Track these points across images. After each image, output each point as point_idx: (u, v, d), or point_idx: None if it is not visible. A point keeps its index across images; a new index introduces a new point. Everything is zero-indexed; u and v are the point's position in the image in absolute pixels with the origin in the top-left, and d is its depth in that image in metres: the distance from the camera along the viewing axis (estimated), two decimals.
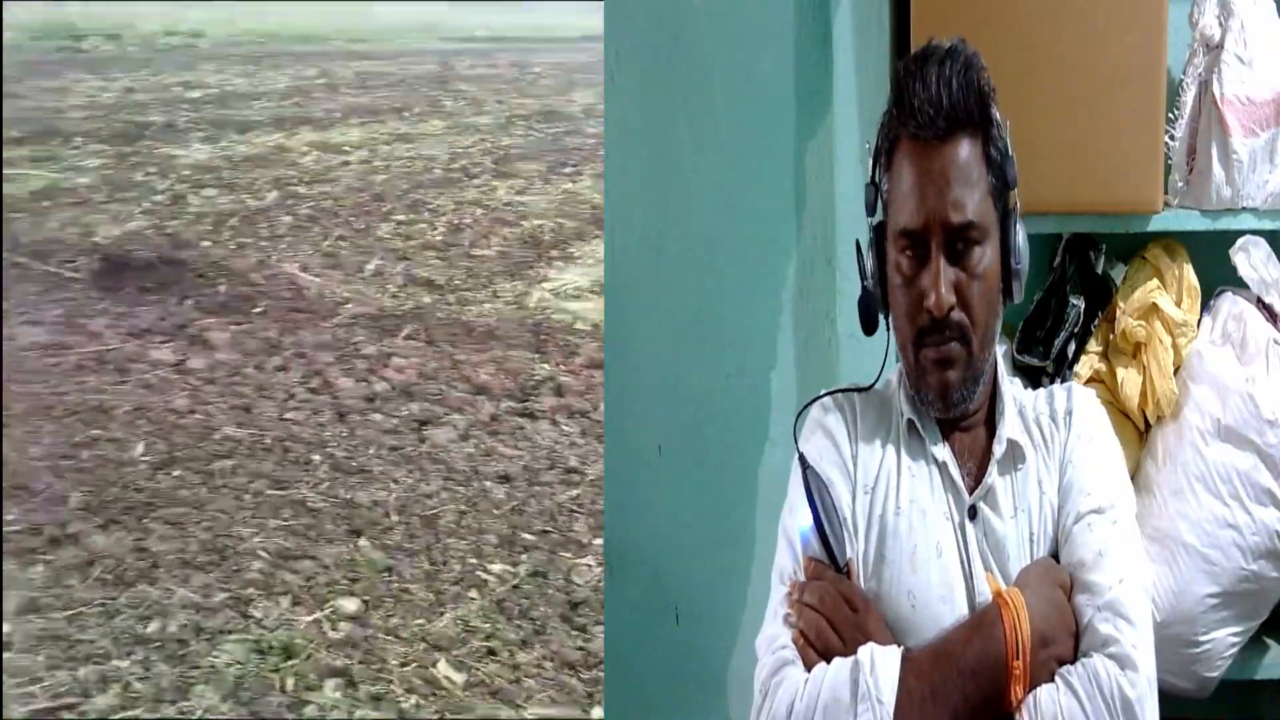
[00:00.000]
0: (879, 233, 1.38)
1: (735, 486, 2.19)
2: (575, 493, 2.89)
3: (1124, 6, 1.86)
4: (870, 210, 1.38)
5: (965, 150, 1.30)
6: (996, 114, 1.32)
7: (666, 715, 2.25)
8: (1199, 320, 1.98)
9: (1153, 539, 1.92)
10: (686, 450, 2.23)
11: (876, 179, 1.37)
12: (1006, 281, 1.34)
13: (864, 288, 1.39)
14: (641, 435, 2.24)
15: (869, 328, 1.39)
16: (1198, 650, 1.94)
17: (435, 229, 5.50)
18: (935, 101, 1.28)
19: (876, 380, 1.45)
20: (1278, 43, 1.93)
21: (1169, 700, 1.46)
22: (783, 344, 2.18)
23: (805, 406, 1.45)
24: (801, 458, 1.37)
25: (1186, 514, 1.91)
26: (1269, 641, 2.04)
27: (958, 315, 1.30)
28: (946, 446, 1.37)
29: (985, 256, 1.31)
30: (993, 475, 1.34)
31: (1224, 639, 1.94)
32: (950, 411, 1.35)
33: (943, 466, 1.36)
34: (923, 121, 1.29)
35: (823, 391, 1.46)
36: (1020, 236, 1.34)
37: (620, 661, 2.18)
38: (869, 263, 1.38)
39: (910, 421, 1.38)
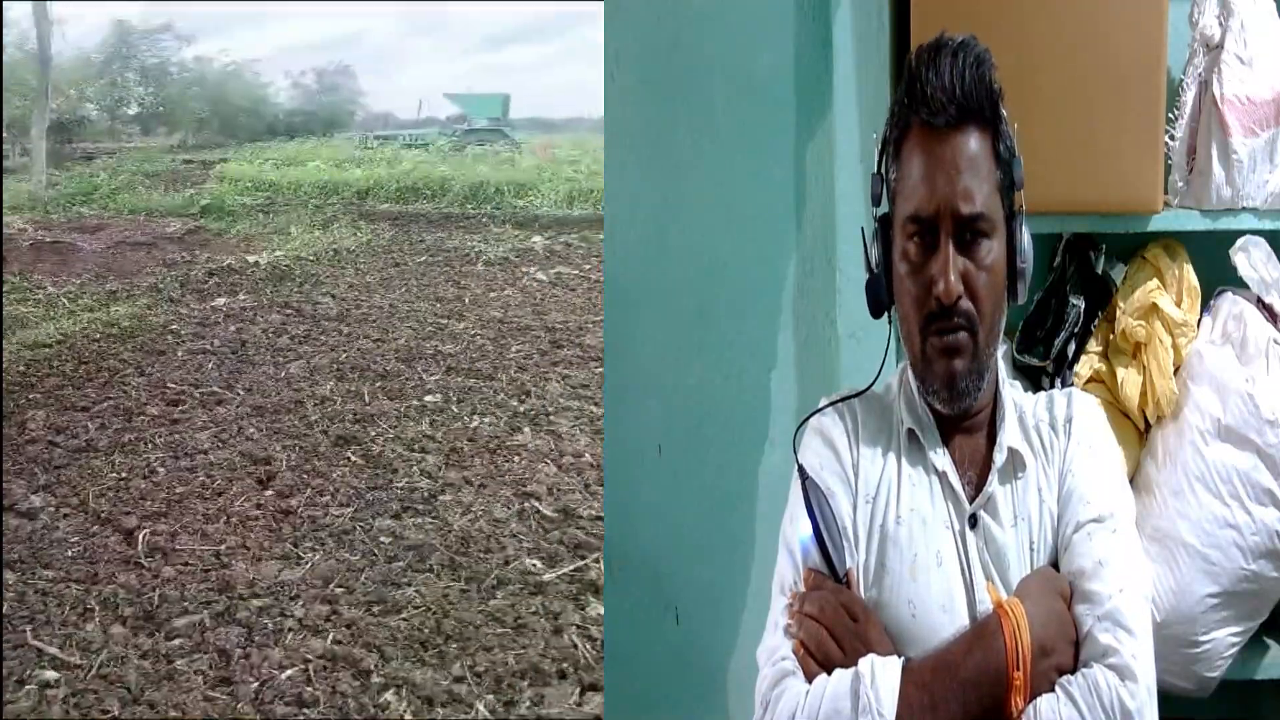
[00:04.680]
0: (884, 224, 1.38)
1: (735, 486, 2.19)
2: None
3: (1124, 6, 1.85)
4: (876, 201, 1.38)
5: (975, 142, 1.30)
6: (1005, 113, 1.33)
7: (666, 715, 2.25)
8: (1199, 320, 1.97)
9: (1153, 539, 1.92)
10: (686, 450, 2.23)
11: (883, 170, 1.37)
12: (1011, 280, 1.34)
13: (871, 273, 1.38)
14: (641, 435, 2.24)
15: (876, 311, 1.39)
16: (1198, 650, 1.93)
17: None
18: (948, 90, 1.28)
19: (874, 382, 1.45)
20: (1278, 43, 1.92)
21: (1169, 700, 1.46)
22: (783, 344, 2.17)
23: (805, 420, 1.45)
24: (801, 469, 1.37)
25: (1186, 514, 1.91)
26: (1269, 641, 2.04)
27: (965, 304, 1.29)
28: (946, 455, 1.37)
29: (993, 250, 1.31)
30: (993, 484, 1.34)
31: (1224, 639, 1.94)
32: (956, 404, 1.34)
33: (943, 476, 1.35)
34: (935, 109, 1.29)
35: (823, 402, 1.46)
36: (1026, 237, 1.34)
37: (620, 661, 2.18)
38: (874, 253, 1.38)
39: (910, 430, 1.38)
